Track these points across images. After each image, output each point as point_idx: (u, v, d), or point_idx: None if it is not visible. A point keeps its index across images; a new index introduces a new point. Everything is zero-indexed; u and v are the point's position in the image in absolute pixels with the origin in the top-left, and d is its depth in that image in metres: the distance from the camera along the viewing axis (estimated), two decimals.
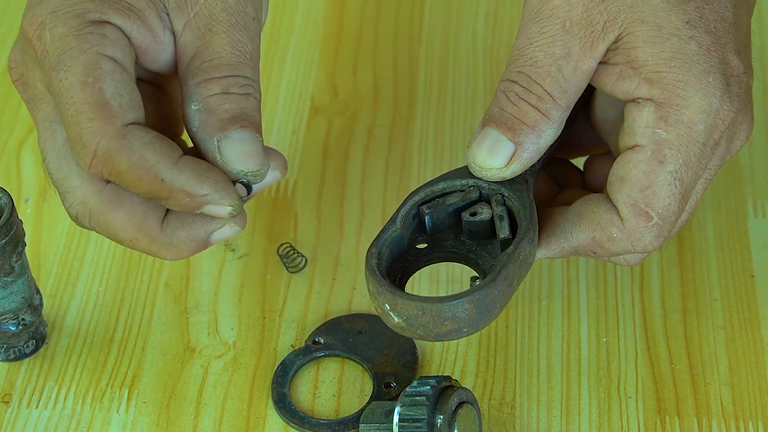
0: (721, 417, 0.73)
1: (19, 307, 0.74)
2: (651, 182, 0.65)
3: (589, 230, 0.67)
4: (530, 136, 0.65)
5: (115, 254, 0.82)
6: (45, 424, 0.74)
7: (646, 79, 0.64)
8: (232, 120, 0.64)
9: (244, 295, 0.80)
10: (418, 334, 0.65)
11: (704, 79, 0.63)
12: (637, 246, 0.66)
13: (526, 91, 0.65)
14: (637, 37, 0.64)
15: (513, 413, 0.74)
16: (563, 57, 0.64)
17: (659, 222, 0.65)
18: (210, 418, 0.74)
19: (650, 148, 0.64)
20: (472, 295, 0.63)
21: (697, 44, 0.63)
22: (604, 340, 0.77)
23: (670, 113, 0.64)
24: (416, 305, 0.64)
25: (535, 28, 0.65)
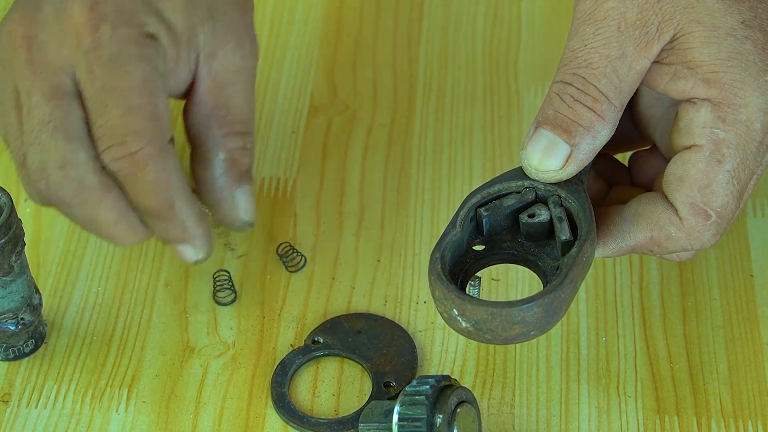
0: (720, 416, 0.73)
1: (18, 306, 0.74)
2: (710, 181, 0.65)
3: (648, 230, 0.67)
4: (586, 138, 0.65)
5: (114, 254, 0.82)
6: (44, 423, 0.74)
7: (703, 80, 0.64)
8: (246, 174, 0.71)
9: (244, 295, 0.80)
10: (486, 338, 0.65)
11: (761, 78, 0.64)
12: (695, 244, 0.67)
13: (581, 93, 0.65)
14: (693, 38, 0.64)
15: (512, 412, 0.74)
16: (618, 58, 0.65)
17: (717, 220, 0.66)
18: (209, 417, 0.74)
19: (708, 147, 0.65)
20: (542, 299, 0.63)
21: (752, 43, 0.64)
22: (604, 339, 0.77)
23: (728, 113, 0.64)
24: (486, 310, 0.64)
25: (589, 30, 0.65)
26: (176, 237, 0.70)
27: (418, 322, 0.78)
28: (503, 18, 0.97)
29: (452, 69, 0.93)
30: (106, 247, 0.82)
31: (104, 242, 0.82)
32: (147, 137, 0.66)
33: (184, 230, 0.69)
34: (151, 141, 0.66)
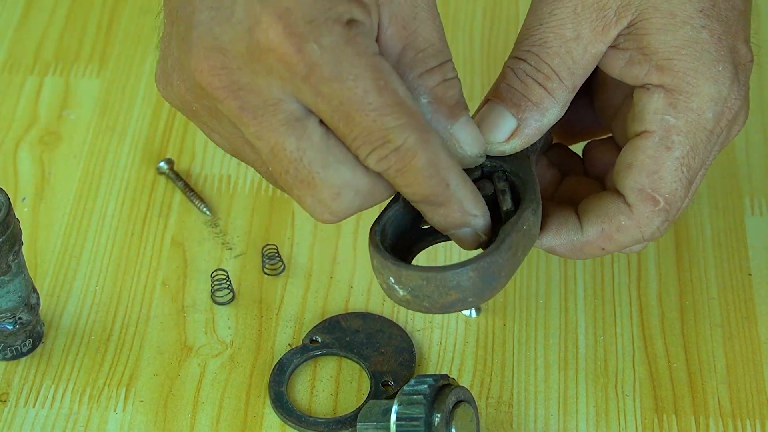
0: (718, 415, 0.73)
1: (16, 306, 0.74)
2: (658, 167, 0.65)
3: (598, 222, 0.67)
4: (534, 113, 0.65)
5: (111, 253, 0.82)
6: (42, 423, 0.74)
7: (656, 66, 0.64)
8: (458, 106, 0.64)
9: (242, 294, 0.80)
10: (424, 306, 0.64)
11: (714, 68, 0.64)
12: (646, 232, 0.66)
13: (533, 69, 0.65)
14: (650, 24, 0.64)
15: (510, 412, 0.74)
16: (573, 39, 0.65)
17: (666, 207, 0.66)
18: (207, 416, 0.74)
19: (658, 133, 0.65)
20: (477, 263, 0.63)
21: (709, 33, 0.64)
22: (602, 338, 0.77)
23: (679, 100, 0.64)
24: (420, 275, 0.63)
25: (546, 9, 0.66)
26: (455, 221, 0.64)
27: (416, 321, 0.78)
28: (501, 18, 0.97)
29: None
30: (103, 246, 0.82)
31: (101, 241, 0.82)
32: (407, 128, 0.61)
33: (463, 211, 0.64)
34: (410, 128, 0.61)
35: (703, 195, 0.84)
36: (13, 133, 0.89)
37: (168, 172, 0.86)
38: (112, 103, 0.91)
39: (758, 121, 0.89)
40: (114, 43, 0.95)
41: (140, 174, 0.86)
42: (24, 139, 0.88)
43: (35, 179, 0.86)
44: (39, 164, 0.87)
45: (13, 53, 0.94)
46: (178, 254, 0.82)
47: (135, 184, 0.86)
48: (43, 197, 0.85)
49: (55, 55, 0.94)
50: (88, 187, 0.85)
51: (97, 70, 0.93)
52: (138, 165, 0.87)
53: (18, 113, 0.90)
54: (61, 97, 0.91)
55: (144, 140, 0.88)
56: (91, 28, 0.96)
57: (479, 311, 0.78)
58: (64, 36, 0.96)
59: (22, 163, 0.87)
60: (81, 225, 0.83)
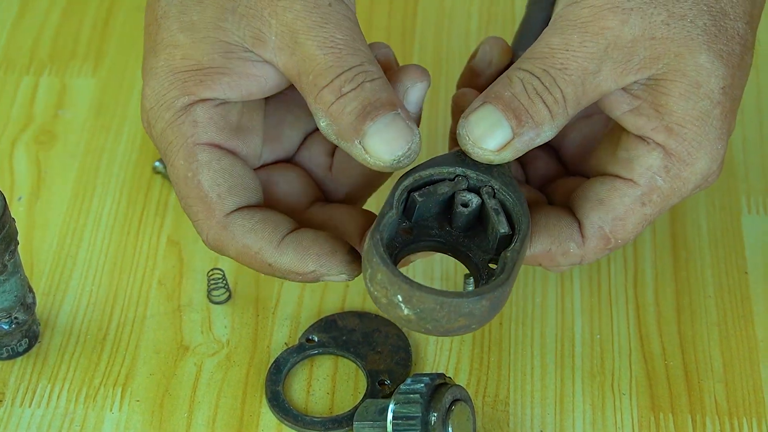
0: (715, 414, 0.73)
1: (11, 305, 0.74)
2: (627, 216, 0.66)
3: (547, 242, 0.67)
4: (531, 132, 0.65)
5: (107, 252, 0.82)
6: (38, 422, 0.74)
7: (666, 127, 0.65)
8: (360, 118, 0.63)
9: (238, 293, 0.80)
10: (426, 328, 0.63)
11: (715, 146, 0.65)
12: (585, 262, 0.68)
13: (545, 90, 0.64)
14: (674, 86, 0.64)
15: (507, 410, 0.74)
16: (592, 73, 0.64)
17: (614, 247, 0.67)
18: (203, 416, 0.74)
19: (642, 189, 0.66)
20: (492, 293, 0.62)
21: (721, 110, 0.65)
22: (598, 337, 0.77)
23: (674, 166, 0.65)
24: (435, 299, 0.61)
25: (576, 38, 0.64)
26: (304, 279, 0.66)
27: None
28: (497, 17, 0.97)
29: (446, 67, 0.93)
30: (99, 245, 0.82)
31: (97, 241, 0.82)
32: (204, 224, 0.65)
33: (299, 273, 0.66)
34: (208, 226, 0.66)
35: (700, 194, 0.84)
36: (9, 133, 0.89)
37: (164, 172, 0.86)
38: (107, 103, 0.91)
39: (755, 121, 0.89)
40: (109, 43, 0.95)
41: (136, 173, 0.86)
42: (20, 139, 0.88)
43: (31, 179, 0.86)
44: (35, 163, 0.87)
45: (9, 52, 0.94)
46: (174, 253, 0.82)
47: (131, 183, 0.85)
48: (39, 196, 0.85)
49: (50, 55, 0.94)
50: (84, 186, 0.85)
51: (92, 69, 0.93)
52: (134, 164, 0.87)
53: (13, 113, 0.90)
54: (56, 96, 0.91)
55: (140, 139, 0.88)
56: (87, 27, 0.96)
57: None
58: (60, 35, 0.96)
59: (17, 163, 0.87)
60: (77, 224, 0.83)
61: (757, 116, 0.89)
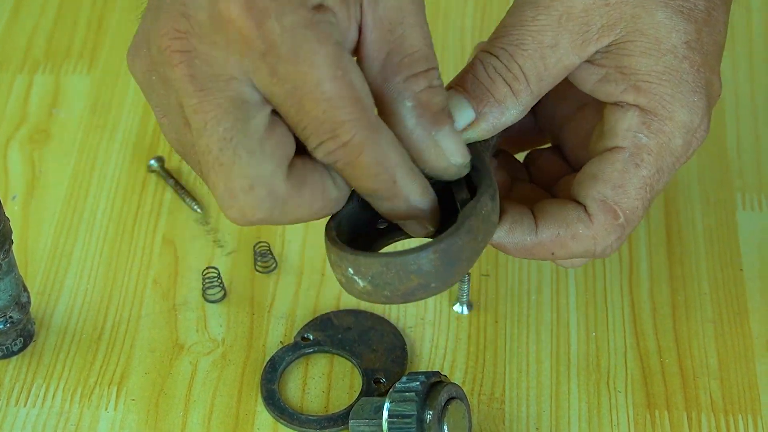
0: (710, 411, 0.74)
1: (6, 304, 0.74)
2: (624, 182, 0.65)
3: (555, 226, 0.66)
4: (494, 110, 0.65)
5: (102, 251, 0.82)
6: (33, 422, 0.73)
7: (634, 86, 0.65)
8: (442, 113, 0.63)
9: (233, 292, 0.79)
10: (385, 295, 0.63)
11: (690, 97, 0.65)
12: (599, 245, 0.66)
13: (504, 67, 0.65)
14: (634, 46, 0.64)
15: (503, 408, 0.74)
16: (550, 47, 0.65)
17: (624, 223, 0.66)
18: (199, 415, 0.74)
19: (630, 150, 0.65)
20: (437, 245, 0.62)
21: (690, 64, 0.65)
22: (594, 334, 0.77)
23: (653, 121, 0.65)
24: (380, 261, 0.62)
25: (530, 13, 0.65)
26: (401, 213, 0.64)
27: (408, 318, 0.78)
28: (492, 14, 0.97)
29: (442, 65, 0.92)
30: (94, 244, 0.82)
31: (92, 240, 0.82)
32: (356, 123, 0.60)
33: (409, 206, 0.63)
34: (360, 125, 0.60)
35: (695, 190, 0.84)
36: (3, 132, 0.89)
37: (159, 170, 0.85)
38: (102, 101, 0.90)
39: (749, 117, 0.89)
40: (104, 41, 0.95)
41: (131, 172, 0.86)
42: (14, 138, 0.88)
43: (25, 177, 0.86)
44: (29, 162, 0.87)
45: (3, 51, 0.94)
46: (169, 252, 0.81)
47: (126, 182, 0.85)
48: (34, 195, 0.85)
49: (45, 53, 0.94)
50: (79, 185, 0.85)
51: (87, 67, 0.93)
52: (129, 163, 0.86)
53: (8, 111, 0.90)
54: (51, 95, 0.91)
55: (134, 138, 0.88)
56: (81, 25, 0.96)
57: (471, 308, 0.78)
58: (54, 34, 0.95)
59: (12, 162, 0.87)
60: (72, 223, 0.83)
61: (751, 113, 0.89)
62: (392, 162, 0.62)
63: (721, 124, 0.89)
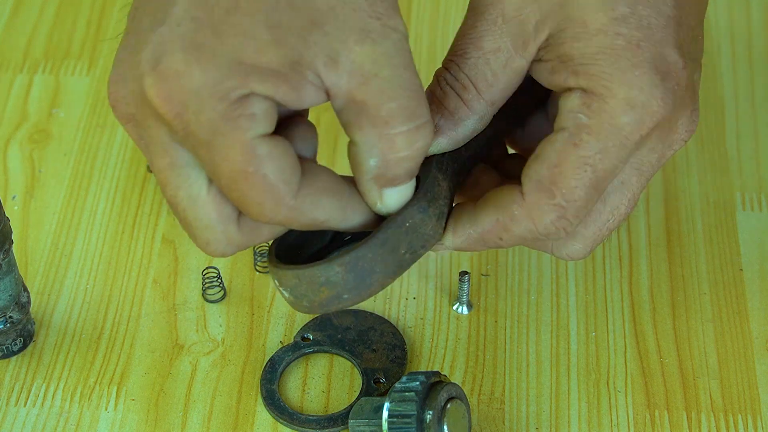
0: (710, 411, 0.74)
1: (6, 304, 0.74)
2: (561, 161, 0.64)
3: (493, 212, 0.66)
4: (448, 122, 0.66)
5: (102, 251, 0.82)
6: (33, 421, 0.73)
7: (572, 72, 0.64)
8: (405, 176, 0.64)
9: (233, 292, 0.79)
10: (305, 306, 0.64)
11: (630, 73, 0.63)
12: (539, 225, 0.65)
13: (453, 79, 0.66)
14: (565, 34, 0.64)
15: (502, 408, 0.74)
16: (492, 52, 0.65)
17: (562, 203, 0.64)
18: (199, 414, 0.74)
19: (569, 130, 0.64)
20: (342, 258, 0.63)
21: (624, 40, 0.63)
22: (593, 334, 0.77)
23: (594, 101, 0.63)
24: (293, 273, 0.63)
25: (469, 22, 0.66)
26: None
27: (408, 318, 0.78)
28: None
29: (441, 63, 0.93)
30: (94, 244, 0.82)
31: (92, 240, 0.82)
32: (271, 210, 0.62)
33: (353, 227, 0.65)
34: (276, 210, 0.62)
35: (695, 190, 0.84)
36: (3, 131, 0.89)
37: None
38: (102, 101, 0.90)
39: (749, 116, 0.89)
40: (104, 41, 0.95)
41: (131, 172, 0.86)
42: (14, 137, 0.88)
43: (25, 177, 0.86)
44: (29, 162, 0.87)
45: (3, 51, 0.94)
46: (168, 252, 0.81)
47: (125, 181, 0.85)
48: (34, 195, 0.85)
49: (44, 53, 0.94)
50: (79, 185, 0.85)
51: (86, 67, 0.93)
52: (128, 163, 0.86)
53: (8, 111, 0.90)
54: (51, 95, 0.91)
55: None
56: (81, 25, 0.96)
57: (471, 308, 0.78)
58: (54, 34, 0.95)
59: (11, 162, 0.87)
60: (71, 223, 0.83)
61: (750, 112, 0.89)
62: (320, 221, 0.63)
63: (721, 124, 0.89)
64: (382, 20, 0.61)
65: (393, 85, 0.61)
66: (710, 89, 0.91)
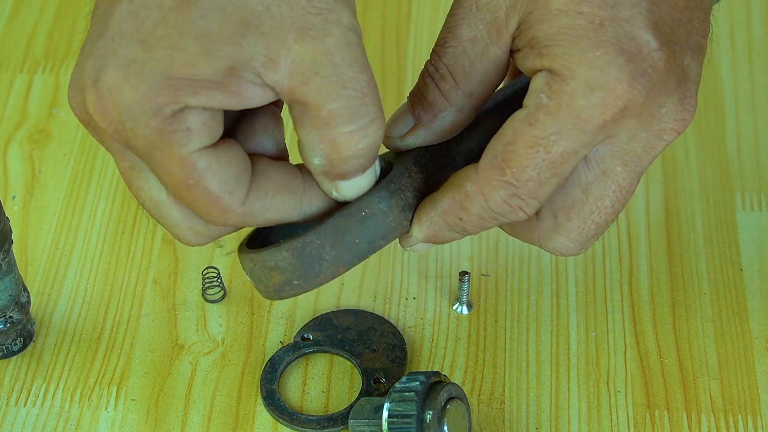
0: (710, 411, 0.74)
1: (6, 304, 0.74)
2: (515, 140, 0.63)
3: (450, 191, 0.65)
4: (427, 114, 0.66)
5: (102, 251, 0.82)
6: (33, 421, 0.73)
7: (538, 54, 0.63)
8: (356, 172, 0.63)
9: (233, 292, 0.79)
10: (261, 290, 0.65)
11: (591, 53, 0.61)
12: (490, 201, 0.64)
13: (434, 70, 0.66)
14: (532, 17, 0.63)
15: (502, 408, 0.74)
16: (469, 40, 0.65)
17: (512, 181, 0.63)
18: (199, 415, 0.74)
19: (529, 109, 0.63)
20: (289, 243, 0.63)
21: (587, 19, 0.62)
22: (593, 334, 0.77)
23: (555, 81, 0.62)
24: (248, 257, 0.64)
25: (450, 11, 0.66)
26: None
27: (408, 318, 0.78)
28: None
29: None
30: (94, 244, 0.82)
31: (91, 240, 0.82)
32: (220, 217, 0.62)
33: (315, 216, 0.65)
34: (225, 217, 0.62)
35: (695, 190, 0.84)
36: (3, 131, 0.89)
37: None
38: None
39: (749, 116, 0.89)
40: None
41: None
42: (14, 137, 0.88)
43: (25, 177, 0.86)
44: (29, 162, 0.87)
45: (3, 51, 0.94)
46: (168, 252, 0.81)
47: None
48: (34, 195, 0.85)
49: (44, 53, 0.94)
50: (79, 185, 0.85)
51: None
52: None
53: (7, 111, 0.90)
54: (51, 94, 0.91)
55: None
56: (81, 25, 0.96)
57: (471, 308, 0.78)
58: (54, 34, 0.95)
59: (12, 162, 0.87)
60: (71, 223, 0.83)
61: (751, 113, 0.89)
62: (275, 218, 0.63)
63: (721, 124, 0.89)
64: (323, 15, 0.60)
65: (334, 84, 0.60)
66: (710, 89, 0.91)
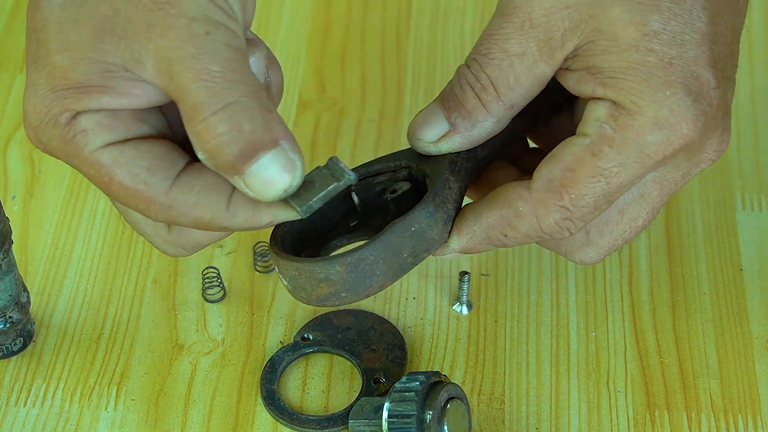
0: (710, 411, 0.74)
1: (6, 304, 0.74)
2: (576, 167, 0.63)
3: (497, 207, 0.65)
4: (465, 122, 0.66)
5: (102, 251, 0.81)
6: (33, 421, 0.73)
7: (601, 83, 0.63)
8: (240, 159, 0.60)
9: (233, 291, 0.79)
10: (302, 297, 0.65)
11: (661, 92, 0.62)
12: (543, 223, 0.64)
13: (474, 78, 0.65)
14: (595, 46, 0.63)
15: (502, 408, 0.74)
16: (517, 55, 0.64)
17: (569, 206, 0.64)
18: (199, 415, 0.74)
19: (591, 138, 0.63)
20: (344, 258, 0.63)
21: (657, 57, 0.62)
22: (593, 334, 0.77)
23: (621, 114, 0.63)
24: (293, 266, 0.64)
25: (497, 23, 0.65)
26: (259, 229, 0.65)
27: (408, 318, 0.78)
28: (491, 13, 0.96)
29: (441, 64, 0.93)
30: (94, 244, 0.82)
31: (91, 240, 0.82)
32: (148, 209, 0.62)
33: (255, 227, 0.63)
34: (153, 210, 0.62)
35: (695, 190, 0.84)
36: (3, 131, 0.88)
37: None
38: None
39: (749, 117, 0.89)
40: None
41: None
42: (14, 137, 0.88)
43: (25, 177, 0.86)
44: (29, 162, 0.87)
45: (2, 51, 0.94)
46: None
47: None
48: (33, 195, 0.85)
49: None
50: (79, 185, 0.85)
51: None
52: None
53: (7, 111, 0.90)
54: None
55: None
56: None
57: (471, 308, 0.78)
58: None
59: (12, 161, 0.87)
60: (71, 223, 0.83)
61: (750, 112, 0.89)
62: (205, 220, 0.63)
63: None
64: (164, 10, 0.59)
65: (185, 78, 0.60)
66: None
